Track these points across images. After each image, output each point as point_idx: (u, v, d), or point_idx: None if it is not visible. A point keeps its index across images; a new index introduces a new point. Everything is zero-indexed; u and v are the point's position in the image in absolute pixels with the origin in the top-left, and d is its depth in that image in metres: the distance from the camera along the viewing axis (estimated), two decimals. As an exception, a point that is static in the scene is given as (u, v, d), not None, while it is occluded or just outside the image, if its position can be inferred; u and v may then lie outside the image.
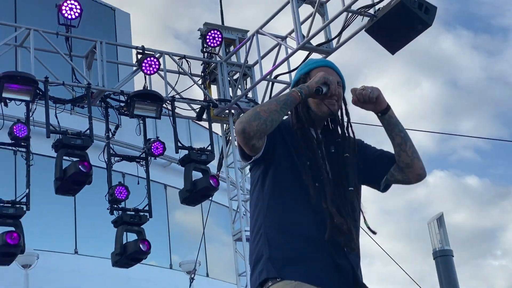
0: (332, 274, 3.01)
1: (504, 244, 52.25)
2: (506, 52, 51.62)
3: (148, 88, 9.99)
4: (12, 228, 8.62)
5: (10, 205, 8.76)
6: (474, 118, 49.75)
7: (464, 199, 51.53)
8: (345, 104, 3.25)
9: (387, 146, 3.28)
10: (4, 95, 8.86)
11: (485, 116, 50.37)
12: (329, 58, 8.56)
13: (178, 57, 10.73)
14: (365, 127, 8.96)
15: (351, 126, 3.25)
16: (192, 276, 12.97)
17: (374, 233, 3.18)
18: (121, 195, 9.60)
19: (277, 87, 10.72)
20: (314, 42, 9.89)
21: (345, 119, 3.25)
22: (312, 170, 3.07)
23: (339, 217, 3.03)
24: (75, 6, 9.42)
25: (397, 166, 3.17)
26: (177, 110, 10.34)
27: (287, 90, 3.59)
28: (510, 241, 53.55)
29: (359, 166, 3.21)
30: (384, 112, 3.12)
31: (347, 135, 3.24)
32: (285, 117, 3.15)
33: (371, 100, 3.05)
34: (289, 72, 10.54)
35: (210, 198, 10.66)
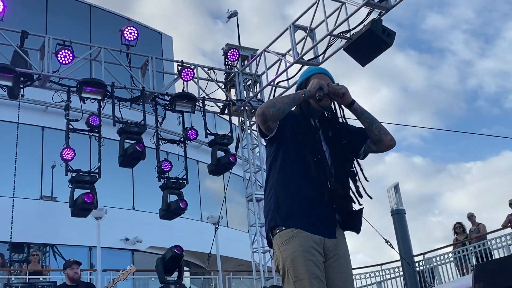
0: (323, 226, 3.04)
1: (440, 206, 52.72)
2: (442, 67, 51.55)
3: (186, 91, 10.03)
4: (88, 191, 8.71)
5: (86, 174, 8.86)
6: (419, 114, 49.79)
7: (412, 173, 51.92)
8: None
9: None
10: (83, 95, 8.95)
11: (427, 113, 50.40)
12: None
13: (207, 68, 10.77)
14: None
15: (344, 116, 3.22)
16: (216, 226, 13.02)
17: (370, 197, 3.17)
18: (166, 167, 9.68)
19: (279, 91, 10.76)
20: (306, 57, 9.92)
21: (340, 111, 3.22)
22: (311, 149, 3.08)
23: (336, 184, 3.06)
24: (133, 31, 9.48)
25: (371, 140, 3.14)
26: (206, 107, 10.38)
27: (289, 91, 3.61)
28: (444, 204, 53.90)
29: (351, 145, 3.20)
30: (350, 105, 3.08)
31: (339, 126, 3.22)
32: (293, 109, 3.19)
33: (338, 95, 3.03)
34: (287, 79, 10.58)
35: (230, 170, 10.71)
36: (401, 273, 13.29)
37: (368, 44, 8.56)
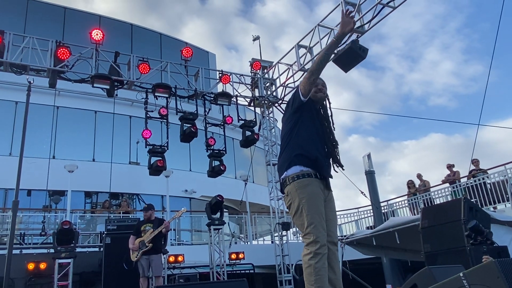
0: (326, 169, 3.10)
1: (389, 169, 54.57)
2: (383, 79, 52.26)
3: (224, 91, 10.04)
4: (160, 158, 8.77)
5: (159, 147, 8.89)
6: (370, 108, 51.08)
7: (368, 148, 53.75)
8: (328, 98, 3.31)
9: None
10: (156, 94, 8.97)
11: (375, 107, 51.45)
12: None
13: (239, 75, 10.75)
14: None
15: (330, 106, 3.30)
16: (246, 182, 13.14)
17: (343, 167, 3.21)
18: (212, 142, 9.64)
19: (287, 90, 10.69)
20: (306, 67, 9.79)
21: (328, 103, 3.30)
22: (318, 122, 3.17)
23: (330, 147, 3.17)
24: (190, 51, 9.49)
25: None
26: (238, 101, 10.36)
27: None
28: (391, 168, 55.67)
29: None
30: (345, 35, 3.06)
31: (329, 112, 3.29)
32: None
33: (351, 21, 2.95)
34: (294, 82, 10.47)
35: (255, 144, 10.70)
36: (371, 214, 13.29)
37: (349, 57, 8.39)
